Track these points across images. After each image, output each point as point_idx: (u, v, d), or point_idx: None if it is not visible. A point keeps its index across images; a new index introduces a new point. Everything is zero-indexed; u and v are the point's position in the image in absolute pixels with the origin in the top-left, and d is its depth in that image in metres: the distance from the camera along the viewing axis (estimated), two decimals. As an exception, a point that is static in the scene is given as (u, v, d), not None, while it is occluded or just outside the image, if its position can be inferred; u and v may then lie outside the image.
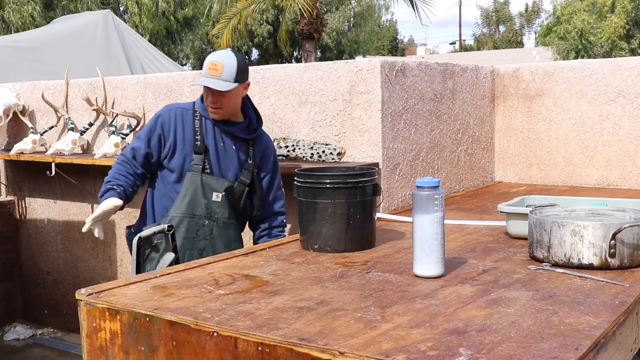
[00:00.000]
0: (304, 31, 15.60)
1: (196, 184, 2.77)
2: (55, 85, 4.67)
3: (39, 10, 18.85)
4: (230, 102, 2.78)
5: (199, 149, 2.78)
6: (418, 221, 1.95)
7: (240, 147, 2.86)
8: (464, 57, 30.19)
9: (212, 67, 2.70)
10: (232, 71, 2.71)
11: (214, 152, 2.81)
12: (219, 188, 2.80)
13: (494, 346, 1.39)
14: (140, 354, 1.68)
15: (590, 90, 3.83)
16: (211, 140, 2.81)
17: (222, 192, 2.80)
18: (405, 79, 3.34)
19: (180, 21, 22.24)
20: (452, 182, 3.80)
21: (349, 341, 1.43)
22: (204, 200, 2.77)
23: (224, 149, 2.83)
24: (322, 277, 1.98)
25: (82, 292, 1.81)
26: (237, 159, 2.84)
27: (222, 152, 2.82)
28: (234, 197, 2.82)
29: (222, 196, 2.80)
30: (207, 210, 2.79)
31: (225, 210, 2.82)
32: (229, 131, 2.83)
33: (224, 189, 2.80)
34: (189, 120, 2.82)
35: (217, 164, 2.81)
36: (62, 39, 8.47)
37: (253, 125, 2.90)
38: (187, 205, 2.77)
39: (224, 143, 2.83)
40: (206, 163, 2.78)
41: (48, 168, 4.51)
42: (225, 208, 2.81)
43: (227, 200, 2.81)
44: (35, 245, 5.06)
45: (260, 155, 2.91)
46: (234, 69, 2.71)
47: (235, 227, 2.89)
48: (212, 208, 2.80)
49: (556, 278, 1.92)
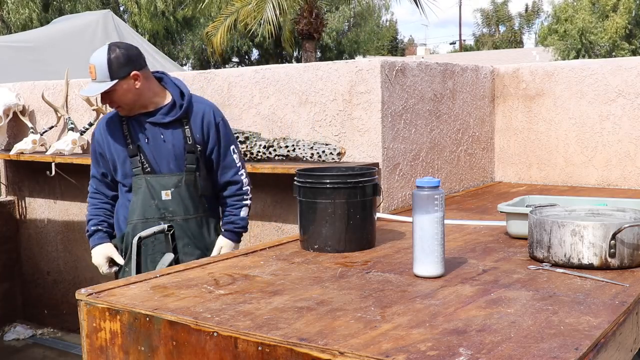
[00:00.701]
0: (304, 31, 15.59)
1: (142, 187, 2.66)
2: (55, 85, 4.68)
3: (37, 12, 18.85)
4: (124, 99, 2.62)
5: (132, 152, 2.66)
6: (418, 221, 1.95)
7: (174, 132, 2.68)
8: (464, 57, 30.18)
9: (90, 71, 2.60)
10: (104, 70, 2.56)
11: (147, 149, 2.67)
12: (166, 185, 2.66)
13: (494, 346, 1.39)
14: (140, 354, 1.68)
15: (590, 90, 3.83)
16: (142, 138, 2.67)
17: (170, 189, 2.66)
18: (405, 79, 3.34)
19: (180, 21, 22.23)
20: (452, 182, 3.80)
21: (349, 341, 1.43)
22: (153, 202, 2.65)
23: (156, 143, 2.67)
24: (322, 277, 1.98)
25: (82, 292, 1.81)
26: (172, 146, 2.67)
27: (155, 147, 2.67)
28: (187, 190, 2.68)
29: (171, 193, 2.66)
30: (159, 211, 2.66)
31: (180, 206, 2.67)
32: (153, 122, 2.67)
33: (171, 185, 2.66)
34: (117, 128, 2.70)
35: (155, 161, 2.67)
36: (62, 39, 8.47)
37: (178, 102, 2.70)
38: (138, 211, 2.66)
39: (154, 136, 2.67)
40: (145, 163, 2.66)
41: (48, 168, 4.51)
42: (179, 204, 2.67)
43: (179, 195, 2.67)
44: (35, 245, 5.06)
45: (199, 129, 2.71)
46: (104, 68, 2.56)
47: (199, 221, 2.73)
48: (165, 207, 2.66)
49: (556, 278, 1.92)
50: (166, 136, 2.67)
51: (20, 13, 18.68)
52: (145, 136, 2.67)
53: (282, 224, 3.72)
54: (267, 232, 3.74)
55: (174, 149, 2.67)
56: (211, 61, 23.10)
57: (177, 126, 2.69)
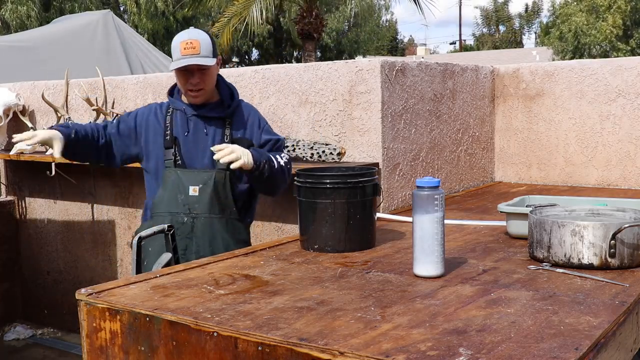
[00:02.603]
0: (304, 31, 15.59)
1: (171, 179, 2.64)
2: (55, 85, 4.68)
3: (36, 11, 18.87)
4: (212, 80, 2.65)
5: (168, 143, 2.66)
6: (418, 221, 1.95)
7: (215, 129, 2.68)
8: (464, 57, 30.18)
9: (188, 47, 2.56)
10: (209, 46, 2.59)
11: (184, 142, 2.66)
12: (195, 181, 2.63)
13: (494, 346, 1.39)
14: (140, 354, 1.68)
15: (590, 90, 3.83)
16: (181, 130, 2.67)
17: (198, 185, 2.62)
18: (405, 79, 3.34)
19: (180, 21, 22.24)
20: (452, 182, 3.80)
21: (349, 341, 1.43)
22: (180, 196, 2.62)
23: (196, 136, 2.67)
24: (322, 277, 1.98)
25: (82, 292, 1.81)
26: (212, 142, 2.64)
27: (192, 141, 2.67)
28: (215, 188, 2.63)
29: (199, 189, 2.62)
30: (185, 206, 2.62)
31: (206, 204, 2.62)
32: (200, 115, 2.67)
33: (200, 181, 2.62)
34: (162, 118, 2.71)
35: (190, 155, 2.66)
36: (62, 39, 8.47)
37: (226, 101, 2.71)
38: (165, 204, 2.64)
39: (197, 129, 2.67)
40: (177, 156, 2.65)
41: (48, 168, 4.51)
42: (206, 202, 2.62)
43: (207, 193, 2.62)
44: (35, 245, 5.06)
45: (242, 131, 2.70)
46: (209, 43, 2.59)
47: (222, 221, 2.66)
48: (190, 203, 2.62)
49: (556, 278, 1.92)
50: (209, 131, 2.68)
51: (19, 11, 18.69)
52: (187, 129, 2.67)
53: (282, 224, 3.72)
54: (267, 232, 3.74)
55: (209, 143, 2.64)
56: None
57: (220, 125, 2.69)
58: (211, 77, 2.64)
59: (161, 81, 4.09)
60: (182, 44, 2.57)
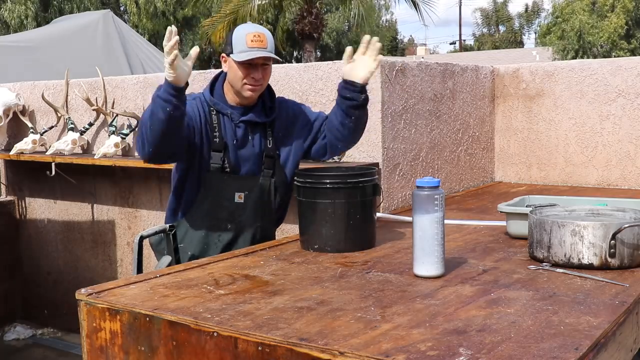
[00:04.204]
0: (304, 31, 15.59)
1: (216, 184, 2.47)
2: (55, 85, 4.67)
3: (33, 11, 18.87)
4: (269, 77, 2.49)
5: (217, 146, 2.44)
6: (418, 221, 1.94)
7: (258, 133, 2.52)
8: (464, 57, 30.18)
9: (256, 39, 2.37)
10: (272, 42, 2.43)
11: (232, 148, 2.48)
12: (242, 187, 2.48)
13: (494, 346, 1.39)
14: (140, 354, 1.68)
15: (590, 90, 3.83)
16: (229, 134, 2.47)
17: (244, 192, 2.49)
18: (405, 79, 3.34)
19: (180, 21, 22.24)
20: (452, 182, 3.80)
21: (349, 341, 1.43)
22: (225, 203, 2.47)
23: (241, 142, 2.49)
24: (322, 277, 1.98)
25: (82, 292, 1.81)
26: (258, 149, 2.51)
27: (240, 146, 2.49)
28: (261, 195, 2.51)
29: (244, 196, 2.49)
30: (230, 214, 2.48)
31: (251, 211, 2.50)
32: (246, 120, 2.49)
33: (246, 188, 2.49)
34: (209, 115, 2.47)
35: (237, 161, 2.49)
36: (63, 39, 8.48)
37: (267, 104, 2.55)
38: (206, 209, 2.48)
39: (243, 134, 2.49)
40: (225, 161, 2.46)
41: (48, 168, 4.51)
42: (251, 209, 2.50)
43: (252, 201, 2.50)
44: (35, 245, 5.05)
45: (284, 126, 2.57)
46: (272, 40, 2.44)
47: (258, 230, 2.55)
48: (235, 211, 2.49)
49: (556, 278, 1.92)
50: (253, 136, 2.52)
51: (17, 11, 18.71)
52: (235, 136, 2.49)
53: (282, 224, 3.71)
54: (267, 232, 3.74)
55: (259, 149, 2.51)
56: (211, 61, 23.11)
57: (262, 128, 2.53)
58: (270, 73, 2.49)
59: (161, 81, 4.07)
60: (249, 35, 2.38)
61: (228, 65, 2.46)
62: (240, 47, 2.39)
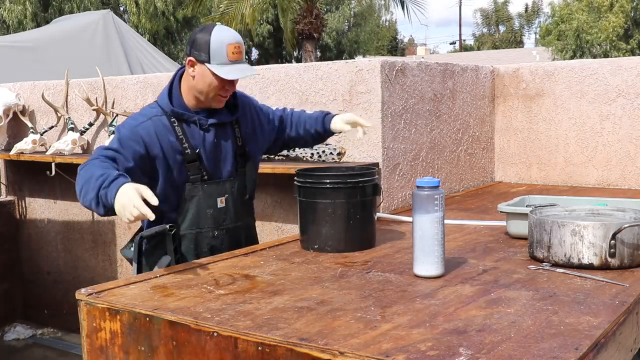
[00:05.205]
0: (304, 31, 15.58)
1: (198, 195, 2.42)
2: (55, 85, 4.68)
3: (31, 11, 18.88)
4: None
5: (190, 157, 2.37)
6: (418, 221, 1.95)
7: (227, 132, 2.47)
8: (464, 57, 30.18)
9: (237, 51, 2.30)
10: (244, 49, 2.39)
11: (205, 154, 2.41)
12: (221, 192, 2.46)
13: (494, 346, 1.39)
14: (140, 354, 1.68)
15: (590, 90, 3.83)
16: (198, 141, 2.40)
17: (225, 195, 2.46)
18: (405, 79, 3.34)
19: (180, 21, 22.23)
20: (452, 182, 3.80)
21: (349, 341, 1.43)
22: (209, 211, 2.44)
23: (214, 146, 2.43)
24: (322, 277, 1.98)
25: (82, 292, 1.81)
26: (231, 149, 2.47)
27: (213, 151, 2.43)
28: (239, 195, 2.51)
29: (225, 199, 2.46)
30: (215, 220, 2.46)
31: (233, 213, 2.49)
32: (213, 123, 2.42)
33: (225, 192, 2.47)
34: (169, 130, 2.36)
35: (213, 166, 2.44)
36: (62, 39, 8.48)
37: (230, 101, 2.46)
38: (191, 221, 2.44)
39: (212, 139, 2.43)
40: (202, 170, 2.41)
41: (48, 168, 4.51)
42: (233, 211, 2.49)
43: (233, 201, 2.49)
44: (35, 245, 5.06)
45: (249, 121, 2.54)
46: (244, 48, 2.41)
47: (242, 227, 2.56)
48: (219, 215, 2.47)
49: (556, 278, 1.92)
50: (224, 137, 2.46)
51: (16, 11, 18.72)
52: (205, 140, 2.41)
53: (282, 224, 3.71)
54: (267, 232, 3.74)
55: (227, 151, 2.46)
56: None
57: (229, 127, 2.48)
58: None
59: (161, 81, 4.09)
60: (229, 47, 2.29)
61: (199, 72, 2.33)
62: (220, 59, 2.29)
